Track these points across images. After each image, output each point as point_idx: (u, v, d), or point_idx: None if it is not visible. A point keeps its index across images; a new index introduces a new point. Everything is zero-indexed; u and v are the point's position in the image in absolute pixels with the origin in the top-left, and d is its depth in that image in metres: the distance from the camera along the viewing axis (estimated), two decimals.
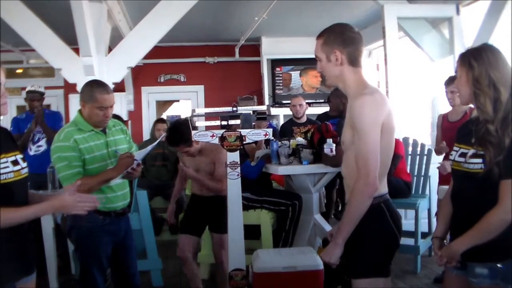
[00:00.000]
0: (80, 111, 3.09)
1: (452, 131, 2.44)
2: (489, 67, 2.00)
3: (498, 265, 1.98)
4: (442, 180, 4.56)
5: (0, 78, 1.99)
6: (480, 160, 2.00)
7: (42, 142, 5.30)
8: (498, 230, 1.93)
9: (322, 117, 6.56)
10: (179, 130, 3.87)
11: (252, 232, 5.03)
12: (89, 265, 3.04)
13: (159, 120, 6.79)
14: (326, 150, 4.28)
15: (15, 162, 2.05)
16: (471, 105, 2.12)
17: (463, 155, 2.09)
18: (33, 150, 5.28)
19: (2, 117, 2.13)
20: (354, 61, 2.21)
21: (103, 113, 3.02)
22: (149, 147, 3.34)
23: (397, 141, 5.10)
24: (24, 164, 2.11)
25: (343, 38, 2.19)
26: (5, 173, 1.98)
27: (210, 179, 4.02)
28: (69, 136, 2.95)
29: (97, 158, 3.02)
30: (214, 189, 4.01)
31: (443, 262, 2.12)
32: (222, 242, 3.97)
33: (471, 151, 2.04)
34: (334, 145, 4.30)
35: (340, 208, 6.87)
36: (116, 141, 3.18)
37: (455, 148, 2.18)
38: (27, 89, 5.43)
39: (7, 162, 2.01)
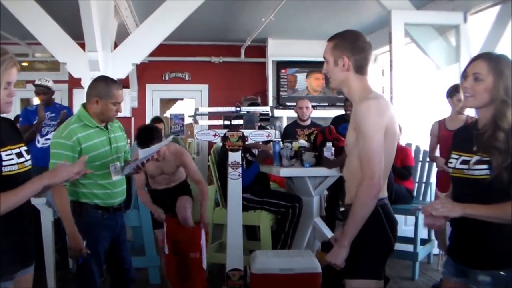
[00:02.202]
0: (84, 106, 3.06)
1: (450, 139, 2.42)
2: None
3: (501, 273, 1.97)
4: (440, 187, 4.55)
5: (12, 78, 2.00)
6: (485, 166, 1.98)
7: (51, 135, 5.28)
8: (507, 219, 1.90)
9: (337, 119, 6.44)
10: (151, 131, 3.95)
11: (251, 233, 5.04)
12: (87, 260, 3.04)
13: (156, 120, 6.33)
14: (326, 153, 4.28)
15: (19, 154, 2.05)
16: (469, 114, 2.10)
17: (465, 162, 2.07)
18: (40, 142, 5.24)
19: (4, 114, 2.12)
20: (359, 69, 2.26)
21: (116, 108, 3.05)
22: (154, 147, 3.31)
23: (409, 152, 5.10)
24: (28, 157, 2.11)
25: (353, 46, 2.25)
26: (9, 165, 1.98)
27: (172, 177, 4.34)
28: (72, 134, 2.93)
29: (101, 155, 3.02)
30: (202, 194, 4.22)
31: (434, 208, 2.00)
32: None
33: (475, 158, 2.03)
34: (333, 148, 4.30)
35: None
36: (117, 138, 3.19)
37: (454, 156, 2.16)
38: (35, 82, 5.42)
39: (12, 154, 2.00)
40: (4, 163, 1.95)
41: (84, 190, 2.99)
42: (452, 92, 4.47)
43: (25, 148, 2.11)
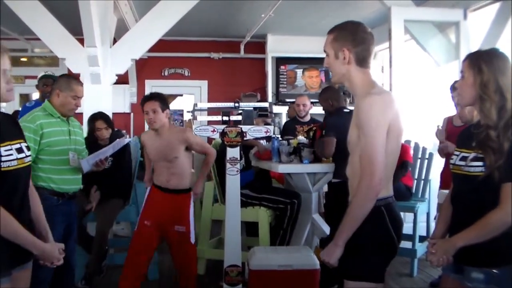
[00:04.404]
0: (49, 100, 3.43)
1: (456, 136, 2.43)
2: (498, 73, 1.99)
3: (494, 271, 1.99)
4: (444, 184, 4.55)
5: (6, 65, 2.00)
6: (480, 163, 1.99)
7: None
8: (496, 231, 1.93)
9: None
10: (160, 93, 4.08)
11: (250, 229, 5.04)
12: None
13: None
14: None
15: (19, 150, 2.04)
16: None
17: (463, 159, 2.09)
18: None
19: (4, 104, 2.14)
20: (362, 61, 2.18)
21: (75, 103, 3.42)
22: (107, 152, 3.68)
23: (406, 147, 5.09)
24: (28, 153, 2.11)
25: (354, 37, 2.16)
26: (8, 160, 1.97)
27: (173, 169, 3.79)
28: (36, 119, 3.25)
29: (60, 142, 3.33)
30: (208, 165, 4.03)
31: (437, 259, 2.06)
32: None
33: (472, 155, 2.04)
34: None
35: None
36: (76, 132, 3.52)
37: (456, 152, 2.18)
38: (40, 75, 5.36)
39: (11, 149, 2.00)
40: (2, 158, 1.95)
41: (41, 174, 3.23)
42: (452, 88, 4.48)
43: (26, 144, 2.12)
